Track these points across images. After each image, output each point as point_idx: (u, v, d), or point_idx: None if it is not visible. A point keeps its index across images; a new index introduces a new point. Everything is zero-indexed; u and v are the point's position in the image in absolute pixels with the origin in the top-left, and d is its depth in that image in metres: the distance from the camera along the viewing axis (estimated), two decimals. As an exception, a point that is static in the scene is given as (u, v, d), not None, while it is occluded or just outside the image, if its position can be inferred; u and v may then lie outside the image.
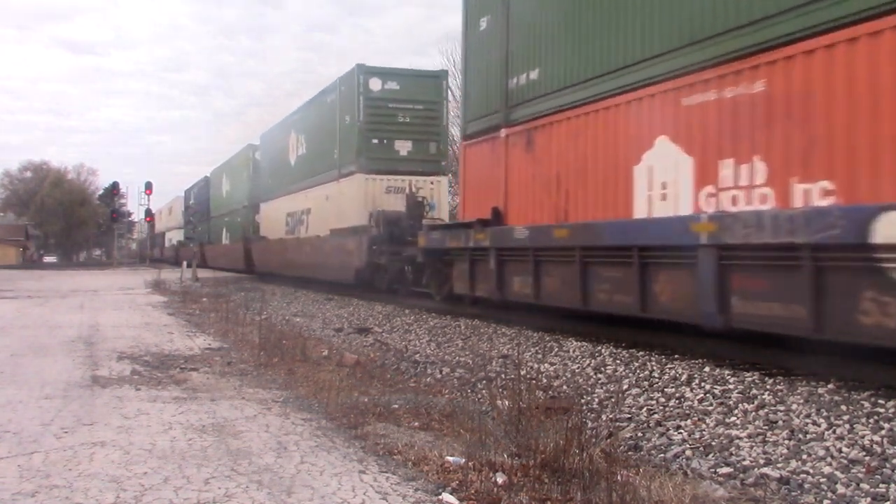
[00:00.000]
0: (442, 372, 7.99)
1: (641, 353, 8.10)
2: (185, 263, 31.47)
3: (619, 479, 3.84)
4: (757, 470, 4.37)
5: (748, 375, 6.56)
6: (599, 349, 8.52)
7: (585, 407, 6.03)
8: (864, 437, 4.76)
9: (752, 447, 4.77)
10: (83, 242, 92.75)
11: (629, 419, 5.68)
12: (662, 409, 5.89)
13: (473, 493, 3.84)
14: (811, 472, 4.29)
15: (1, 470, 4.23)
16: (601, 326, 9.53)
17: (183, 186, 70.93)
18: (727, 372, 6.82)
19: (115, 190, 76.22)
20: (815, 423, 5.13)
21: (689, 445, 4.93)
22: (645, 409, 5.92)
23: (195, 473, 4.15)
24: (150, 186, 51.90)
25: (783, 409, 5.50)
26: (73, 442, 4.82)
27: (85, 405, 5.98)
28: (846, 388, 5.91)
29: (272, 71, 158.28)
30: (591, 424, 5.44)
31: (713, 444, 4.92)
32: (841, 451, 4.58)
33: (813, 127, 6.39)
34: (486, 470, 4.15)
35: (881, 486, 4.02)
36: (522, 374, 6.12)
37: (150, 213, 57.65)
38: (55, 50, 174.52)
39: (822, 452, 4.57)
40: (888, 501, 3.85)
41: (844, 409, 5.37)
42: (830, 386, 5.98)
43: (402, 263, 16.25)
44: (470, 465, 4.23)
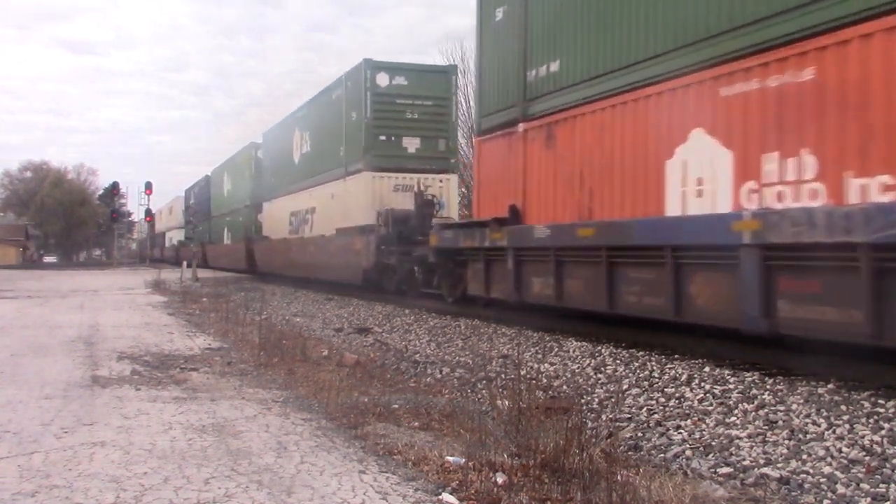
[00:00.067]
0: (442, 372, 7.99)
1: (641, 353, 8.10)
2: (184, 263, 31.37)
3: (619, 479, 3.84)
4: (757, 470, 4.37)
5: (748, 375, 6.56)
6: (599, 349, 8.53)
7: (585, 407, 6.03)
8: (864, 437, 4.76)
9: (752, 447, 4.77)
10: (83, 242, 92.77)
11: (629, 419, 5.68)
12: (662, 409, 5.89)
13: (473, 493, 3.84)
14: (811, 472, 4.29)
15: (1, 470, 4.23)
16: (601, 326, 9.53)
17: (183, 186, 71.03)
18: (727, 372, 6.82)
19: (115, 190, 76.24)
20: (815, 423, 5.13)
21: (689, 445, 4.93)
22: (645, 409, 5.92)
23: (195, 473, 4.15)
24: (150, 186, 51.90)
25: (783, 409, 5.50)
26: (73, 442, 4.83)
27: (85, 405, 5.98)
28: (846, 388, 5.91)
29: (272, 71, 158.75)
30: (591, 424, 5.45)
31: (713, 444, 4.92)
32: (841, 451, 4.58)
33: (871, 117, 5.95)
34: (486, 470, 4.15)
35: (881, 486, 4.02)
36: (522, 374, 6.12)
37: (149, 213, 57.67)
38: (55, 50, 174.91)
39: (822, 452, 4.57)
40: (888, 501, 3.85)
41: (844, 409, 5.38)
42: (830, 386, 5.98)
43: (411, 264, 15.87)
44: (470, 465, 4.23)
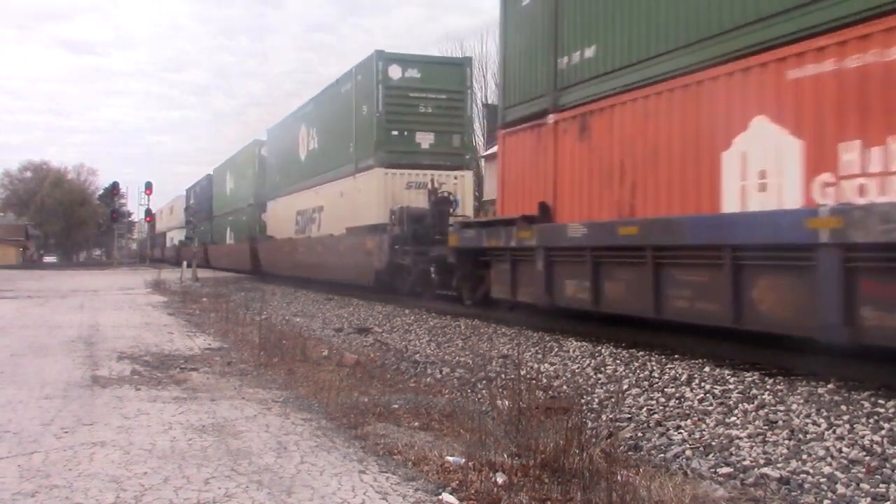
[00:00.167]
0: (442, 372, 7.99)
1: (641, 353, 8.10)
2: (184, 263, 31.31)
3: (619, 479, 3.83)
4: (757, 470, 4.37)
5: (748, 375, 6.56)
6: (599, 349, 8.52)
7: (585, 407, 6.03)
8: (864, 437, 4.76)
9: (752, 447, 4.77)
10: (83, 242, 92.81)
11: (629, 419, 5.68)
12: (662, 409, 5.89)
13: (473, 493, 3.84)
14: (811, 472, 4.29)
15: (1, 470, 4.23)
16: (601, 326, 9.53)
17: (183, 186, 70.93)
18: (727, 372, 6.82)
19: (115, 190, 76.20)
20: (815, 423, 5.13)
21: (689, 445, 4.93)
22: (645, 409, 5.92)
23: (195, 473, 4.15)
24: (150, 186, 51.92)
25: (783, 409, 5.50)
26: (73, 442, 4.82)
27: (85, 405, 5.98)
28: (846, 388, 5.91)
29: (272, 71, 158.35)
30: (591, 424, 5.44)
31: (713, 444, 4.92)
32: (841, 451, 4.58)
33: None
34: (486, 470, 4.15)
35: (881, 486, 4.02)
36: (522, 374, 6.12)
37: (149, 212, 57.69)
38: (55, 50, 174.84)
39: (822, 452, 4.57)
40: (888, 501, 3.85)
41: (844, 409, 5.38)
42: (830, 386, 5.98)
43: (427, 264, 15.18)
44: (470, 465, 4.23)
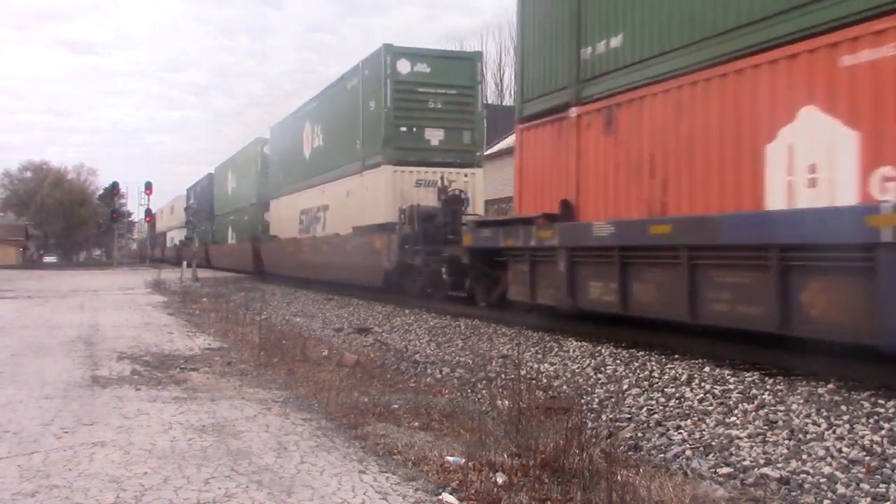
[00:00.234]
0: (442, 372, 7.99)
1: (641, 353, 8.10)
2: (184, 263, 31.28)
3: (619, 479, 3.84)
4: (757, 470, 4.37)
5: (748, 375, 6.56)
6: (599, 349, 8.52)
7: (585, 407, 6.03)
8: (864, 437, 4.76)
9: (752, 447, 4.77)
10: (83, 242, 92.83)
11: (629, 419, 5.68)
12: (662, 409, 5.89)
13: (473, 493, 3.84)
14: (811, 472, 4.30)
15: (1, 470, 4.23)
16: (601, 326, 9.52)
17: (183, 186, 71.04)
18: (727, 372, 6.82)
19: (115, 190, 76.17)
20: (815, 423, 5.13)
21: (689, 445, 4.93)
22: (645, 409, 5.92)
23: (195, 473, 4.15)
24: (150, 186, 51.75)
25: (783, 409, 5.50)
26: (73, 442, 4.83)
27: (85, 405, 5.98)
28: (846, 388, 5.91)
29: (272, 71, 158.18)
30: (591, 424, 5.45)
31: (713, 444, 4.92)
32: (841, 451, 4.58)
33: None
34: (486, 470, 4.15)
35: (881, 486, 4.02)
36: (522, 374, 6.12)
37: (149, 212, 57.60)
38: (55, 50, 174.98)
39: (822, 452, 4.58)
40: (888, 501, 3.85)
41: (844, 409, 5.38)
42: (830, 386, 5.98)
43: (438, 265, 14.75)
44: (470, 465, 4.23)
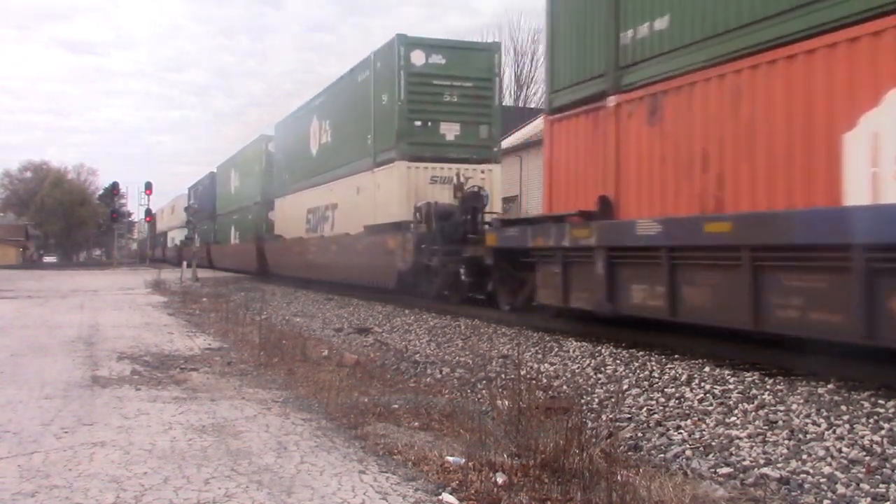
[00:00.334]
0: (442, 372, 7.99)
1: (641, 353, 8.10)
2: (184, 263, 31.25)
3: (619, 479, 3.83)
4: (757, 470, 4.37)
5: (748, 375, 6.56)
6: (599, 349, 8.53)
7: (585, 407, 6.03)
8: (864, 437, 4.76)
9: (752, 447, 4.77)
10: (83, 242, 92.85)
11: (629, 419, 5.68)
12: (662, 409, 5.89)
13: (473, 493, 3.84)
14: (811, 472, 4.30)
15: (1, 470, 4.23)
16: (601, 326, 9.52)
17: (183, 186, 70.99)
18: (727, 372, 6.82)
19: (115, 190, 76.12)
20: (815, 423, 5.13)
21: (689, 445, 4.93)
22: (645, 409, 5.92)
23: (195, 473, 4.15)
24: (150, 186, 51.71)
25: (783, 409, 5.50)
26: (73, 442, 4.83)
27: (85, 405, 5.98)
28: (846, 388, 5.91)
29: (272, 71, 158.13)
30: (591, 424, 5.44)
31: (713, 444, 4.92)
32: (841, 451, 4.58)
33: None
34: (486, 470, 4.15)
35: (881, 486, 4.02)
36: (522, 374, 6.12)
37: (149, 212, 57.59)
38: (55, 50, 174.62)
39: (822, 452, 4.57)
40: (888, 501, 3.85)
41: (844, 409, 5.38)
42: (830, 386, 5.98)
43: (457, 265, 14.03)
44: (470, 465, 4.23)
